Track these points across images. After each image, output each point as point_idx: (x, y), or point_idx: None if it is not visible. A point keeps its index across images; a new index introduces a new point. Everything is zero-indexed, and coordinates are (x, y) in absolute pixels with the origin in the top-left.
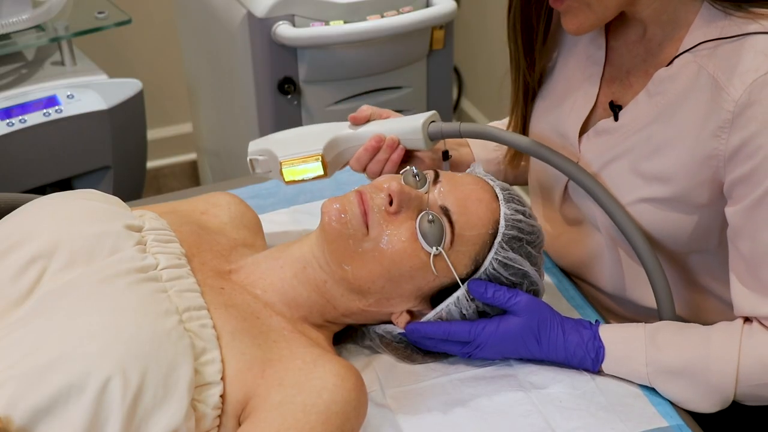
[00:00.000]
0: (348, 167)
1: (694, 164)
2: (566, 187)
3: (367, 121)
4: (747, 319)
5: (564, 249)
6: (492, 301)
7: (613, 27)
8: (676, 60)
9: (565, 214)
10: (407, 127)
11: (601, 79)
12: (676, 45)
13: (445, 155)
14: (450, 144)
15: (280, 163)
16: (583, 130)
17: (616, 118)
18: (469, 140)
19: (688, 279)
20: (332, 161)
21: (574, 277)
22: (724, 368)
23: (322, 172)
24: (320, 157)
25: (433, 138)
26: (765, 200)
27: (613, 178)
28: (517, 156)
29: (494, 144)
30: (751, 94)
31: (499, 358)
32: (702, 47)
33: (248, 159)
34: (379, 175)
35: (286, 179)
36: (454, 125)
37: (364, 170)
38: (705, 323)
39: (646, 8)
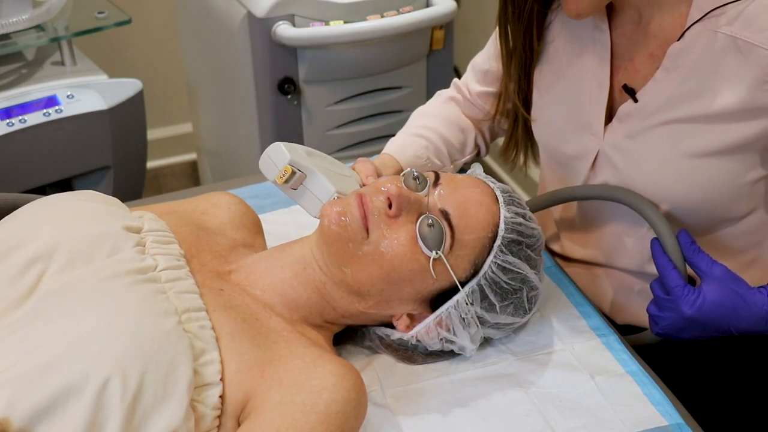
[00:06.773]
0: None
1: (738, 118)
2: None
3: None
4: None
5: (585, 238)
6: (696, 261)
7: (609, 18)
8: (687, 33)
9: (584, 207)
10: None
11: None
12: (681, 20)
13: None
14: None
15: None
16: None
17: (635, 101)
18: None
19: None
20: None
21: (592, 265)
22: None
23: None
24: None
25: None
26: None
27: (649, 148)
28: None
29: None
30: None
31: (685, 332)
32: (710, 15)
33: (287, 166)
34: None
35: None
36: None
37: None
38: None
39: None
